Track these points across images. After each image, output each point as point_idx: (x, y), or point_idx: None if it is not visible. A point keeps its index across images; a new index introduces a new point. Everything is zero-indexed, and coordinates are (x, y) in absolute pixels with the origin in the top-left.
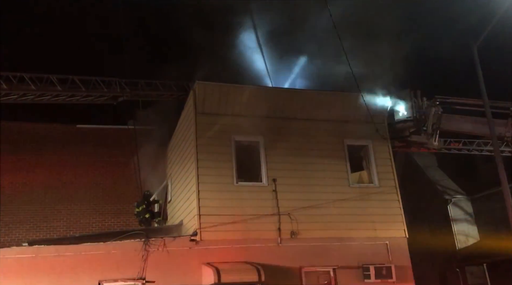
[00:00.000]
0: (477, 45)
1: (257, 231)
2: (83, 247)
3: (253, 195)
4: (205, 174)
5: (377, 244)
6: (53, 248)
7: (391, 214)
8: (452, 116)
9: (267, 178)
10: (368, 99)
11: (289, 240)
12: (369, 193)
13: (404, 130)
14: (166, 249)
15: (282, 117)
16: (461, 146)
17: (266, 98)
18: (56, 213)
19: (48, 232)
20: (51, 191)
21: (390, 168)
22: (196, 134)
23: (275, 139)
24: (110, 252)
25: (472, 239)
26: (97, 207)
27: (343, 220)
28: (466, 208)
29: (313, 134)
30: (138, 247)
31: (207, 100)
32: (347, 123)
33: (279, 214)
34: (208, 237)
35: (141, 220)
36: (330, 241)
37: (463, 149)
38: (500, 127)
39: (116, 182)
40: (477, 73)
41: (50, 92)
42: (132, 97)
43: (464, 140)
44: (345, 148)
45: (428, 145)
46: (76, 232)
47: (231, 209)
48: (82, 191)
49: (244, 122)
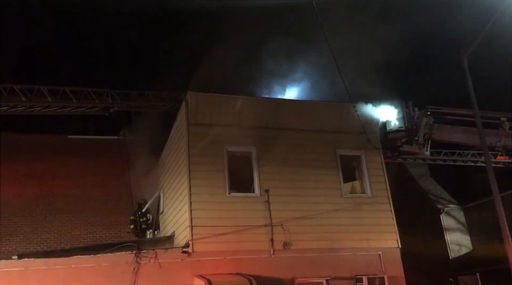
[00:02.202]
0: (467, 56)
1: (250, 242)
2: (73, 259)
3: (246, 205)
4: (197, 185)
5: (370, 255)
6: (43, 261)
7: (384, 224)
8: (444, 127)
9: (260, 189)
10: (360, 109)
11: (282, 251)
12: (361, 203)
13: (396, 141)
14: (158, 261)
15: (275, 127)
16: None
17: (258, 108)
18: (47, 225)
19: (38, 244)
20: (42, 202)
21: (383, 177)
22: (188, 145)
23: (268, 149)
24: (101, 264)
25: (465, 248)
26: (88, 219)
27: (336, 231)
28: (458, 217)
29: (305, 145)
30: (129, 259)
31: (200, 110)
32: (340, 134)
33: (271, 225)
34: (200, 249)
35: (137, 230)
36: (323, 251)
37: (458, 160)
38: (491, 137)
39: (108, 194)
40: (467, 83)
41: (41, 104)
42: (124, 108)
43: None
44: (337, 158)
45: (420, 154)
46: (67, 244)
47: (223, 220)
48: (73, 203)
49: (237, 133)
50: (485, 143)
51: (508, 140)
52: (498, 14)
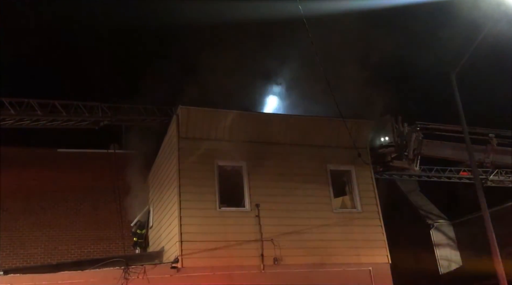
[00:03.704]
0: (455, 74)
1: (240, 257)
2: (60, 275)
3: (236, 220)
4: (187, 199)
5: (360, 270)
6: (29, 277)
7: (374, 239)
8: (433, 142)
9: (250, 203)
10: (351, 125)
11: (272, 266)
12: (352, 218)
13: (386, 156)
14: (147, 276)
15: (266, 142)
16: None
17: (249, 123)
18: (34, 240)
19: (25, 259)
20: (30, 216)
21: (373, 193)
22: (178, 159)
23: (258, 164)
24: (89, 280)
25: (455, 264)
26: (76, 234)
27: (326, 246)
28: (448, 233)
29: (296, 160)
30: (117, 275)
31: (190, 124)
32: (330, 149)
33: (262, 240)
34: (189, 264)
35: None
36: (313, 267)
37: (452, 177)
38: (479, 153)
39: (96, 208)
40: (455, 100)
41: (30, 117)
42: (114, 122)
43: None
44: (328, 173)
45: (410, 170)
46: (54, 259)
47: (213, 235)
48: (62, 217)
49: (227, 147)
50: (473, 159)
51: (496, 156)
52: (485, 33)
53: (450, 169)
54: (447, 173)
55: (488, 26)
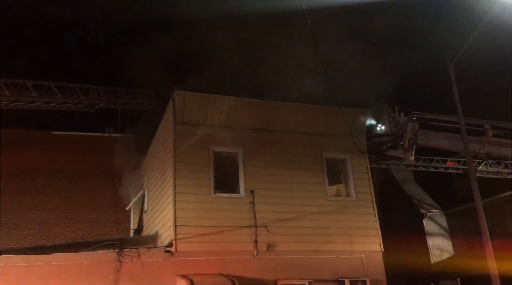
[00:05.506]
0: (453, 63)
1: (234, 243)
2: (54, 257)
3: (230, 206)
4: (182, 184)
5: (352, 258)
6: (23, 257)
7: (367, 227)
8: (428, 132)
9: (245, 190)
10: (347, 113)
11: (265, 252)
12: (346, 206)
13: (382, 145)
14: (140, 260)
15: (262, 129)
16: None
17: (246, 109)
18: (28, 221)
19: (19, 241)
20: (25, 198)
21: (367, 181)
22: (174, 144)
23: (254, 151)
24: (82, 262)
25: (447, 254)
26: (70, 216)
27: (319, 233)
28: (441, 223)
29: (292, 147)
30: (111, 257)
31: (186, 110)
32: (326, 137)
33: (256, 226)
34: (183, 248)
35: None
36: (306, 253)
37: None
38: (475, 144)
39: (91, 191)
40: (452, 90)
41: (25, 98)
42: (110, 105)
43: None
44: (323, 161)
45: (405, 159)
46: (49, 241)
47: (207, 220)
48: (57, 199)
49: (223, 133)
50: (468, 150)
51: (491, 148)
52: (484, 24)
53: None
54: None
55: (487, 17)
